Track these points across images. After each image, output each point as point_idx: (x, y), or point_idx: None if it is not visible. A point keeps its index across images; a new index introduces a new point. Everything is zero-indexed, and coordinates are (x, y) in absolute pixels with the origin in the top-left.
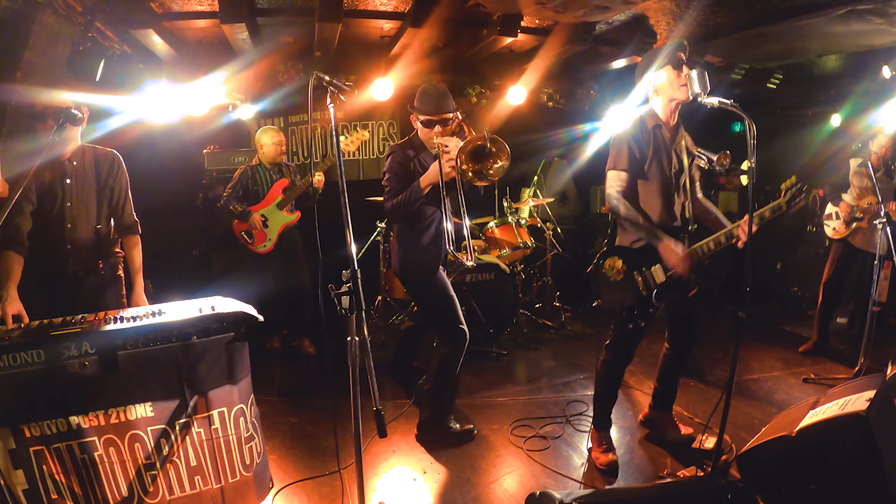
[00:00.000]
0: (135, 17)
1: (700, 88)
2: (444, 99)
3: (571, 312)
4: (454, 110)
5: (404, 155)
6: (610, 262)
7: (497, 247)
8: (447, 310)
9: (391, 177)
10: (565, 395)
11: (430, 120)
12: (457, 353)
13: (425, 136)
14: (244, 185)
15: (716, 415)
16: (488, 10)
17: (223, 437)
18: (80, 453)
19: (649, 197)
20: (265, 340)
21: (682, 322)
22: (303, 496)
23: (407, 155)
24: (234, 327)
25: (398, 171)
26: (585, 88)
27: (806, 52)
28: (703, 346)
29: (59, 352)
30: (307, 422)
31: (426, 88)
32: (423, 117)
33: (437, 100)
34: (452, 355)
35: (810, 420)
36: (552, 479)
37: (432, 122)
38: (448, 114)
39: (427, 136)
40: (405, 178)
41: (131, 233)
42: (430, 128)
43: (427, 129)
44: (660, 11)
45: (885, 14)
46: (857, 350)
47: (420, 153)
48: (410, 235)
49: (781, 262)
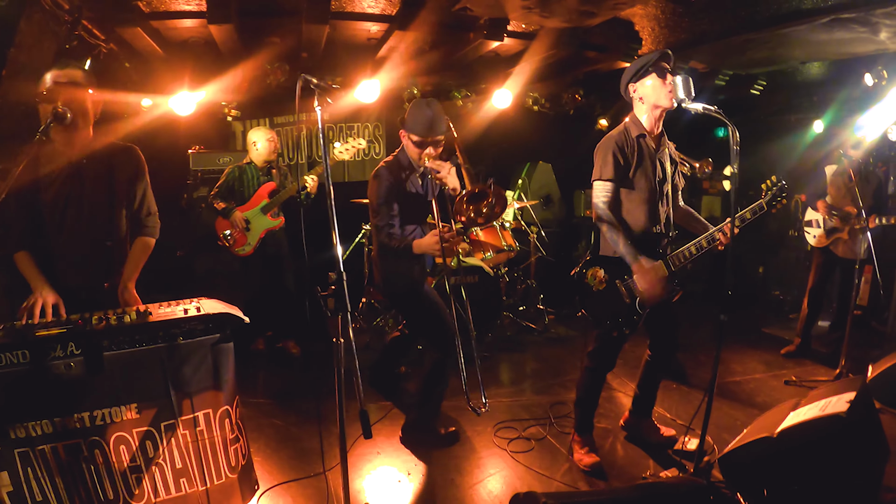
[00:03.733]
0: (122, 16)
1: (684, 94)
2: (437, 120)
3: (555, 315)
4: (446, 131)
5: (393, 179)
6: (592, 272)
7: (481, 249)
8: (437, 321)
9: (382, 205)
10: (549, 398)
11: (423, 141)
12: (447, 358)
13: (414, 154)
14: (230, 184)
15: (698, 417)
16: (475, 14)
17: (208, 438)
18: (65, 455)
19: (633, 205)
20: (250, 342)
21: (663, 329)
22: (288, 498)
23: (398, 178)
24: (219, 329)
25: (389, 198)
26: (571, 92)
27: (790, 59)
28: (686, 349)
29: (45, 353)
30: (292, 424)
31: (419, 105)
32: (416, 138)
33: (430, 121)
34: (444, 362)
35: (791, 421)
36: (536, 479)
37: (424, 144)
38: (440, 136)
39: (416, 155)
40: (396, 201)
41: (149, 234)
42: (421, 148)
43: (417, 149)
44: (645, 17)
45: (868, 23)
46: (838, 353)
47: (410, 174)
48: (393, 252)
49: (763, 266)
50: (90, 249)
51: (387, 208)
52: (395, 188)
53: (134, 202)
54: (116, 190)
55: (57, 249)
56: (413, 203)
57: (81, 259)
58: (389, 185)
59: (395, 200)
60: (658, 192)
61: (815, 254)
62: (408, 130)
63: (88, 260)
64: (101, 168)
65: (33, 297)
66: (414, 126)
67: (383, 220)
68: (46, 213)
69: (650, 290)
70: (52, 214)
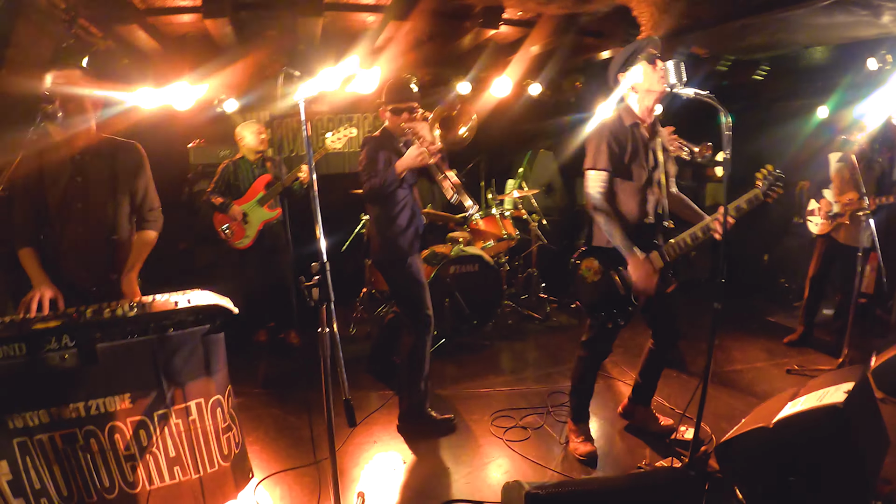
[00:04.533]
0: (118, 13)
1: (676, 79)
2: (408, 87)
3: (557, 304)
4: (418, 98)
5: (380, 143)
6: (587, 263)
7: (481, 238)
8: (417, 294)
9: (368, 161)
10: (548, 386)
11: (398, 108)
12: (422, 338)
13: (394, 124)
14: (226, 180)
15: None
16: (470, 3)
17: (201, 427)
18: (62, 444)
19: (626, 195)
20: (251, 333)
21: (663, 319)
22: (284, 486)
23: (382, 143)
24: (209, 320)
25: (374, 156)
26: (571, 80)
27: (791, 43)
28: (688, 338)
29: (41, 345)
30: (290, 413)
31: (392, 80)
32: (392, 105)
33: (403, 89)
34: (419, 341)
35: (788, 411)
36: (531, 468)
37: (400, 110)
38: (413, 101)
39: (396, 124)
40: (382, 162)
41: (152, 228)
42: (398, 115)
43: (396, 118)
44: (643, 3)
45: (870, 6)
46: (842, 342)
47: (396, 143)
48: (386, 219)
49: (768, 254)
50: (95, 244)
51: (373, 163)
52: (384, 154)
53: (137, 197)
54: (119, 185)
55: (62, 245)
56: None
57: (87, 254)
58: (376, 147)
59: (384, 163)
60: (652, 180)
61: (817, 241)
62: (385, 103)
63: (94, 255)
64: (104, 164)
65: (32, 292)
66: (388, 97)
67: (370, 167)
68: (51, 210)
69: (644, 282)
70: (56, 211)
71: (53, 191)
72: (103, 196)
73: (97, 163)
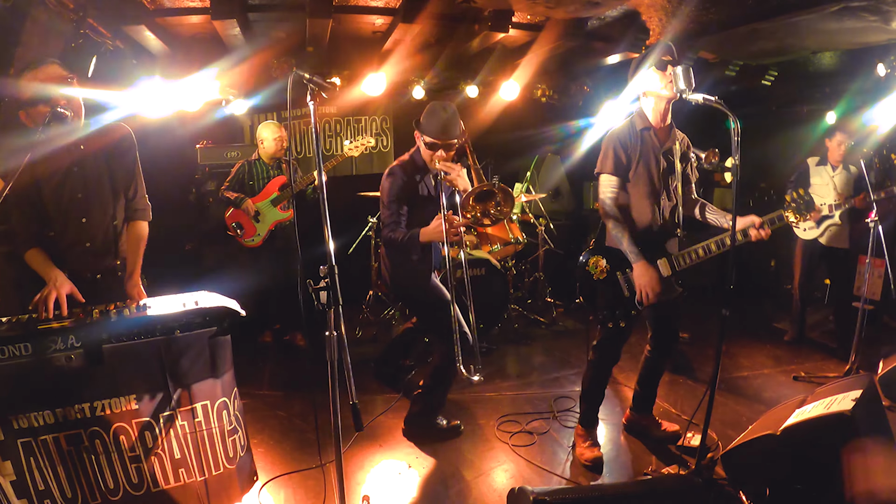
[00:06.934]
0: (127, 13)
1: (685, 85)
2: (451, 123)
3: (563, 308)
4: (461, 135)
5: (407, 178)
6: (594, 260)
7: (488, 242)
8: (444, 316)
9: (392, 203)
10: (554, 391)
11: (436, 144)
12: (451, 357)
13: (427, 156)
14: (240, 179)
15: (701, 412)
16: (479, 6)
17: (206, 430)
18: (66, 445)
19: (636, 199)
20: (258, 335)
21: (663, 324)
22: (288, 489)
23: (411, 179)
24: (216, 322)
25: (400, 197)
26: (579, 84)
27: (800, 49)
28: (694, 344)
29: (46, 345)
30: (296, 415)
31: (434, 108)
32: (429, 139)
33: (444, 123)
34: (447, 361)
35: (796, 419)
36: (536, 474)
37: (437, 146)
38: (454, 140)
39: (429, 157)
40: (407, 202)
41: (141, 218)
42: (433, 150)
43: (429, 151)
44: (652, 7)
45: (879, 11)
46: (846, 347)
47: (424, 175)
48: (401, 251)
49: (775, 260)
50: (98, 232)
51: (396, 206)
52: (408, 189)
53: (130, 183)
54: (115, 169)
55: (66, 238)
56: (424, 205)
57: (91, 242)
58: (402, 184)
59: (405, 200)
60: (663, 185)
61: (799, 244)
62: (421, 131)
63: (97, 242)
64: (99, 152)
65: (47, 289)
66: (427, 128)
67: (391, 216)
68: (51, 206)
69: (648, 288)
70: (56, 205)
71: (50, 187)
72: (103, 182)
73: (92, 152)
